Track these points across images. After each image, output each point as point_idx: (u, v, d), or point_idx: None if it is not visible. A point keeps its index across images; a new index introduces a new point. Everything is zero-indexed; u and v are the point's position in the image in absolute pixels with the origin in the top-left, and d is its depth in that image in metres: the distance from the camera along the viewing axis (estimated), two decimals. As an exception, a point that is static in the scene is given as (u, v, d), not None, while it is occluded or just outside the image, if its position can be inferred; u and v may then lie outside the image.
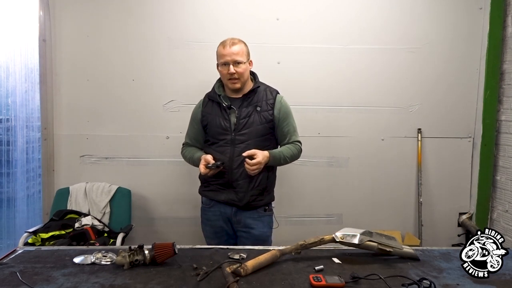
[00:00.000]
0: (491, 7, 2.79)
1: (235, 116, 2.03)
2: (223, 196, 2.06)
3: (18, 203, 2.82)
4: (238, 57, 2.00)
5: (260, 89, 2.09)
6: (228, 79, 2.03)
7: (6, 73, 2.72)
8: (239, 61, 2.00)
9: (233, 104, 2.06)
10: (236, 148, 2.01)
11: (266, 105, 2.05)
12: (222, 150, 2.03)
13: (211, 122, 2.08)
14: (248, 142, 2.01)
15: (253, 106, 2.04)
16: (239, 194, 2.02)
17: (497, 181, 2.88)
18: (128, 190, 2.73)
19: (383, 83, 2.83)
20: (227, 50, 2.00)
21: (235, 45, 2.03)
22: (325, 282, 1.30)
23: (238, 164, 2.00)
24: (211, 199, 2.12)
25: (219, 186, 2.07)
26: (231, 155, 2.01)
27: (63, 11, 2.71)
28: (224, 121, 2.04)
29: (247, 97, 2.06)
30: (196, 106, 2.22)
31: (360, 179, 2.88)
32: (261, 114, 2.04)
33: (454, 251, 1.68)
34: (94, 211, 2.63)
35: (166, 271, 1.41)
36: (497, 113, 2.87)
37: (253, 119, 2.02)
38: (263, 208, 2.10)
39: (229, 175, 2.02)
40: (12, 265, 1.44)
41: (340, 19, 2.78)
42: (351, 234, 1.54)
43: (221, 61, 2.04)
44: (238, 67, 2.00)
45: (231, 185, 2.03)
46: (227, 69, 2.00)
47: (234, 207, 2.06)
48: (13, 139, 2.77)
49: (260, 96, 2.07)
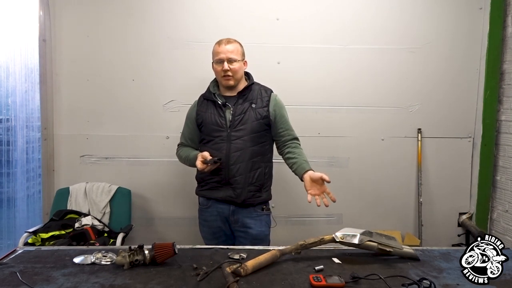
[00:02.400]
0: (491, 7, 2.79)
1: (230, 113, 2.06)
2: (221, 193, 2.06)
3: (18, 203, 2.82)
4: (232, 54, 2.05)
5: (255, 87, 2.13)
6: (222, 76, 2.07)
7: (6, 73, 2.73)
8: (233, 59, 2.05)
9: (228, 101, 2.09)
10: (232, 144, 2.03)
11: (261, 102, 2.08)
12: (218, 147, 2.04)
13: (206, 119, 2.10)
14: (244, 138, 2.03)
15: (248, 102, 2.07)
16: (236, 190, 2.03)
17: (497, 181, 2.88)
18: (128, 190, 2.73)
19: (383, 83, 2.83)
20: (222, 48, 2.06)
21: (230, 43, 2.08)
22: (325, 282, 1.30)
23: (235, 160, 2.02)
24: (208, 198, 2.12)
25: (216, 183, 2.07)
26: (227, 151, 2.02)
27: (63, 11, 2.71)
28: (219, 118, 2.06)
29: (242, 95, 2.09)
30: (191, 106, 2.24)
31: (360, 179, 2.88)
32: (256, 110, 2.06)
33: (454, 251, 1.68)
34: (94, 211, 2.63)
35: (166, 271, 1.41)
36: (497, 113, 2.87)
37: (248, 116, 2.04)
38: (260, 206, 2.11)
39: (225, 171, 2.03)
40: (12, 265, 1.44)
41: (340, 19, 2.78)
42: (351, 234, 1.54)
43: (216, 58, 2.08)
44: (232, 65, 2.04)
45: (228, 182, 2.04)
46: (221, 66, 2.05)
47: (232, 205, 2.07)
48: (13, 139, 2.77)
49: (255, 94, 2.10)
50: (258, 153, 2.07)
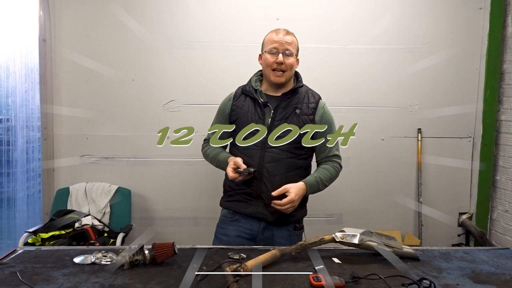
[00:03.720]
0: (491, 7, 2.79)
1: (270, 117, 1.77)
2: (250, 208, 1.79)
3: (18, 203, 2.82)
4: (290, 47, 1.76)
5: (302, 90, 1.85)
6: (272, 70, 1.77)
7: (6, 73, 2.72)
8: (290, 52, 1.76)
9: (269, 102, 1.79)
10: (267, 153, 1.75)
11: (307, 108, 1.80)
12: (251, 154, 1.76)
13: (241, 118, 1.80)
14: (281, 148, 1.74)
15: (292, 107, 1.79)
16: (269, 207, 1.73)
17: (497, 181, 2.88)
18: (128, 190, 2.74)
19: (383, 83, 2.83)
20: (280, 37, 1.77)
21: (289, 35, 1.80)
22: (325, 282, 1.30)
23: (268, 172, 1.74)
24: (236, 212, 1.84)
25: (245, 196, 1.80)
26: (260, 160, 1.75)
27: (63, 11, 2.71)
28: (257, 120, 1.77)
29: (286, 97, 1.80)
30: (226, 98, 1.93)
31: (360, 179, 2.88)
32: (300, 117, 1.78)
33: (454, 251, 1.68)
34: (94, 211, 2.63)
35: (166, 271, 1.40)
36: (497, 113, 2.87)
37: (290, 122, 1.76)
38: (293, 225, 1.84)
39: (257, 184, 1.76)
40: (12, 265, 1.44)
41: (340, 19, 2.78)
42: (351, 234, 1.54)
43: (270, 47, 1.77)
44: (287, 59, 1.76)
45: (259, 195, 1.77)
46: (275, 57, 1.75)
47: (263, 221, 1.80)
48: (13, 139, 2.77)
49: (301, 98, 1.82)
50: (296, 166, 1.79)
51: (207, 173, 2.72)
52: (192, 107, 2.76)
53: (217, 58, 2.75)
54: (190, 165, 2.75)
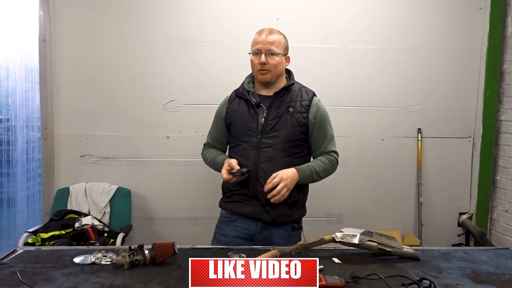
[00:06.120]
0: (491, 7, 2.79)
1: (264, 116, 1.78)
2: (247, 209, 1.79)
3: (18, 203, 2.82)
4: (272, 47, 1.75)
5: (295, 88, 1.84)
6: (257, 70, 1.78)
7: (6, 73, 2.72)
8: (273, 52, 1.75)
9: (262, 102, 1.80)
10: (262, 153, 1.76)
11: (300, 107, 1.79)
12: (246, 155, 1.78)
13: (236, 120, 1.83)
14: (276, 147, 1.76)
15: (285, 106, 1.79)
16: (265, 206, 1.76)
17: (497, 181, 2.88)
18: (128, 190, 2.74)
19: (383, 83, 2.83)
20: (262, 38, 1.76)
21: (273, 34, 1.78)
22: (325, 282, 1.30)
23: (264, 172, 1.74)
24: (233, 212, 1.85)
25: (242, 196, 1.81)
26: (255, 160, 1.76)
27: (63, 11, 2.71)
28: (251, 120, 1.79)
29: (278, 96, 1.80)
30: (221, 103, 1.95)
31: (360, 179, 2.88)
32: (294, 115, 1.77)
33: (454, 251, 1.68)
34: (94, 211, 2.63)
35: (166, 271, 1.40)
36: (497, 113, 2.87)
37: (283, 121, 1.77)
38: (291, 225, 1.84)
39: (253, 184, 1.76)
40: (12, 265, 1.44)
41: (340, 19, 2.78)
42: (351, 234, 1.54)
43: (253, 48, 1.79)
44: (271, 58, 1.75)
45: (256, 196, 1.77)
46: (258, 58, 1.76)
47: (260, 221, 1.80)
48: (13, 139, 2.77)
49: (294, 96, 1.81)
50: (292, 165, 1.75)
51: (207, 173, 2.70)
52: (192, 107, 2.76)
53: (217, 58, 2.75)
54: (190, 165, 2.75)
